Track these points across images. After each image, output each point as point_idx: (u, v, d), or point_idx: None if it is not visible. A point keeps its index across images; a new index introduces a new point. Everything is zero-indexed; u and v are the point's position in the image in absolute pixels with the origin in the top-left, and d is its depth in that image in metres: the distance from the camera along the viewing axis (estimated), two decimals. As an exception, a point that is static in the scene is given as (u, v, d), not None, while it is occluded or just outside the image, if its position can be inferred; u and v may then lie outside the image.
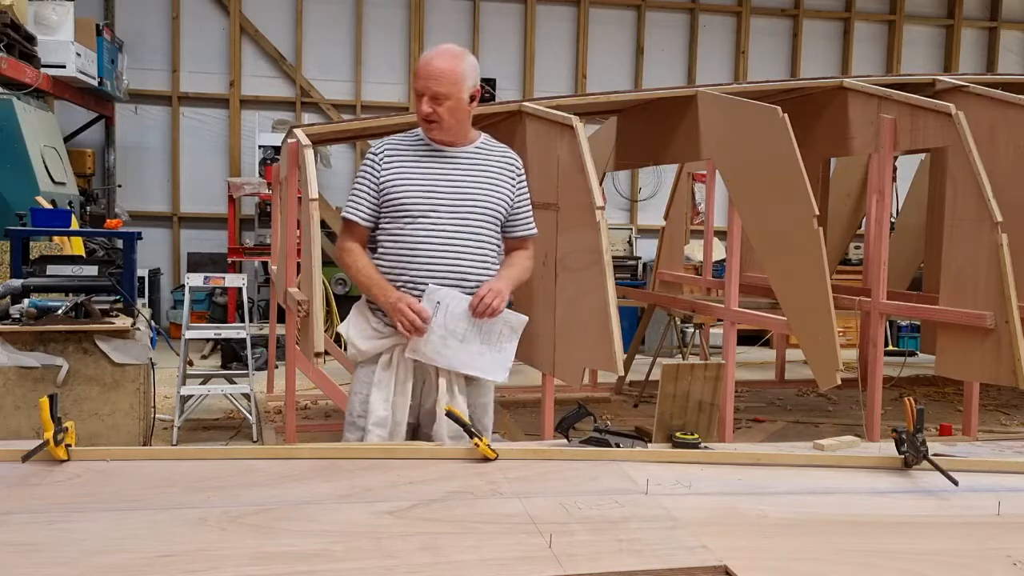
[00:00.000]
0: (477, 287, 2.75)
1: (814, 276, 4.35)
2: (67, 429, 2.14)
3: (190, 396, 5.46)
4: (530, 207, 2.96)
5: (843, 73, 10.23)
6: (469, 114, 2.81)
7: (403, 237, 2.74)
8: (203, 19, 9.32)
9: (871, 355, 4.92)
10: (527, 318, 2.86)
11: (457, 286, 2.74)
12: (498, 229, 2.85)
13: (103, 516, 1.79)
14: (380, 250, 2.80)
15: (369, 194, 2.79)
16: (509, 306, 2.82)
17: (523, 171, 2.93)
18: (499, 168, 2.85)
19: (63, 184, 6.70)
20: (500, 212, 2.83)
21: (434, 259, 2.73)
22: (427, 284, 2.72)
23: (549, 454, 2.29)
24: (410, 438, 2.80)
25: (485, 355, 2.76)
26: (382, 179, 2.77)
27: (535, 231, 2.98)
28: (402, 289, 2.73)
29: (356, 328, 2.84)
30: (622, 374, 4.25)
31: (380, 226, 2.80)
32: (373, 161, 2.81)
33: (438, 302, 2.70)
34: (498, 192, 2.82)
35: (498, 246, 2.87)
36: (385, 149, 2.82)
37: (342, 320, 3.01)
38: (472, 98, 2.77)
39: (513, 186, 2.87)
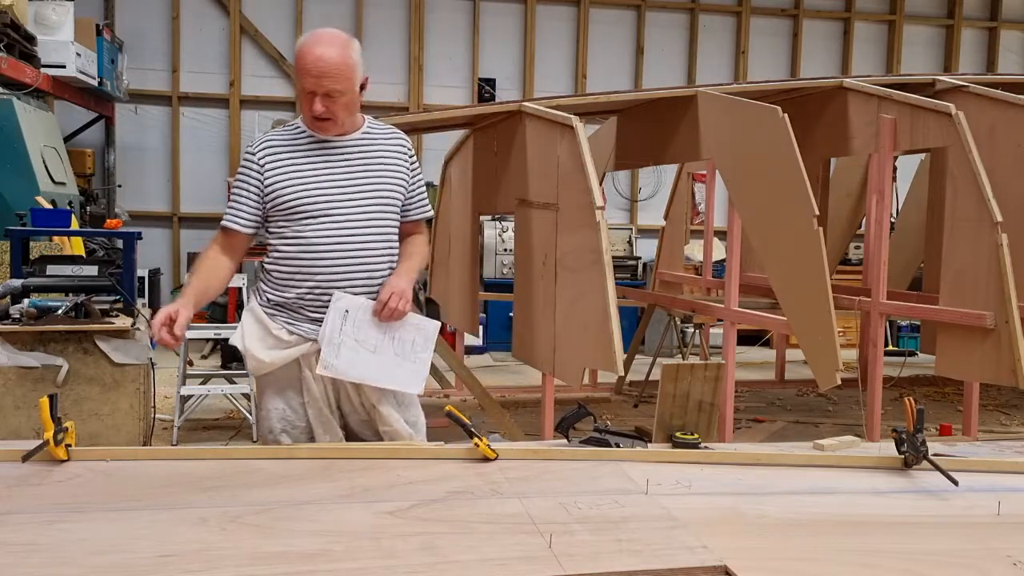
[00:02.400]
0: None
1: (814, 276, 4.35)
2: (67, 429, 2.14)
3: (190, 396, 5.46)
4: (424, 188, 2.81)
5: (843, 73, 10.22)
6: (360, 103, 2.60)
7: (303, 239, 2.55)
8: (203, 19, 9.32)
9: (871, 355, 4.92)
10: (439, 323, 2.69)
11: (366, 284, 2.58)
12: (399, 217, 2.68)
13: (103, 516, 1.79)
14: (277, 255, 2.60)
15: (250, 199, 2.58)
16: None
17: (413, 151, 2.76)
18: (391, 152, 2.67)
19: (63, 184, 6.70)
20: (399, 199, 2.67)
21: (340, 258, 2.55)
22: (335, 286, 2.54)
23: (549, 454, 2.29)
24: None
25: (402, 366, 2.57)
26: (267, 180, 2.56)
27: (431, 213, 2.82)
28: (310, 295, 2.56)
29: (254, 338, 2.60)
30: (622, 374, 4.25)
31: (271, 230, 2.61)
32: (251, 163, 2.58)
33: (346, 311, 2.52)
34: (395, 178, 2.65)
35: (398, 235, 2.72)
36: (264, 148, 2.59)
37: None
38: (362, 87, 2.57)
39: (408, 168, 2.70)
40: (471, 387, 5.61)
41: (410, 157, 2.74)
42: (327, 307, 2.55)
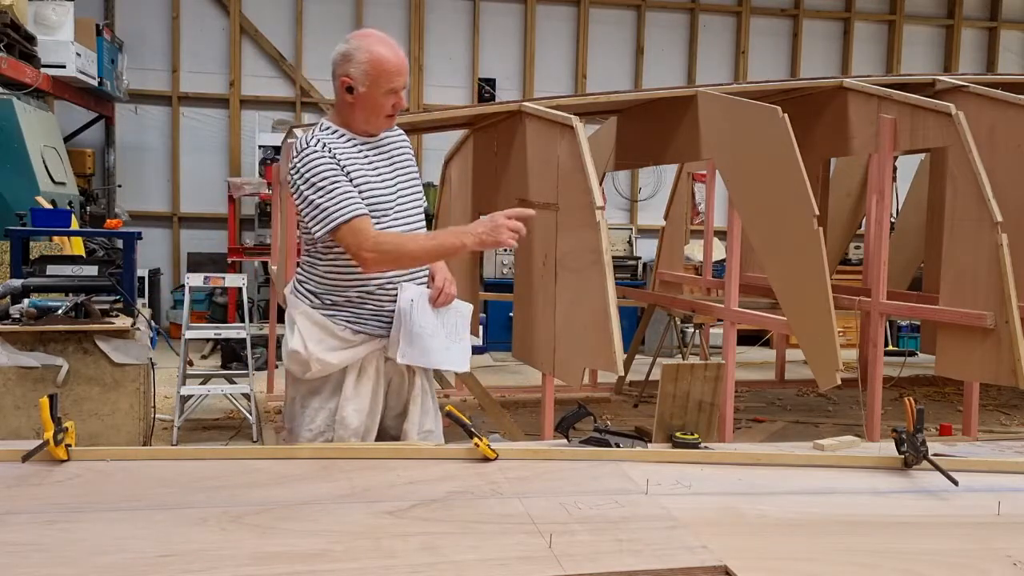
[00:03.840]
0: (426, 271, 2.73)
1: (814, 276, 4.35)
2: (67, 429, 2.14)
3: (190, 396, 5.46)
4: (419, 179, 2.88)
5: (843, 73, 10.22)
6: None
7: None
8: (203, 19, 9.32)
9: (871, 355, 4.92)
10: (471, 305, 2.86)
11: (425, 272, 2.70)
12: None
13: (103, 516, 1.79)
14: (337, 252, 2.56)
15: (350, 188, 2.51)
16: None
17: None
18: (406, 147, 2.78)
19: (63, 184, 6.69)
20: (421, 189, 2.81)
21: None
22: (404, 278, 2.63)
23: (549, 454, 2.29)
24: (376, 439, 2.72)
25: (451, 348, 2.72)
26: (349, 176, 2.54)
27: (426, 204, 2.88)
28: (379, 290, 2.61)
29: (315, 340, 2.59)
30: (622, 374, 4.25)
31: None
32: (329, 159, 2.51)
33: (411, 300, 2.63)
34: (415, 170, 2.78)
35: None
36: (326, 146, 2.54)
37: None
38: None
39: (413, 162, 2.81)
40: (471, 387, 5.61)
41: (412, 152, 2.83)
42: (391, 300, 2.63)
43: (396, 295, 2.63)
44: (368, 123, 2.63)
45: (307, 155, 2.53)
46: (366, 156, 2.63)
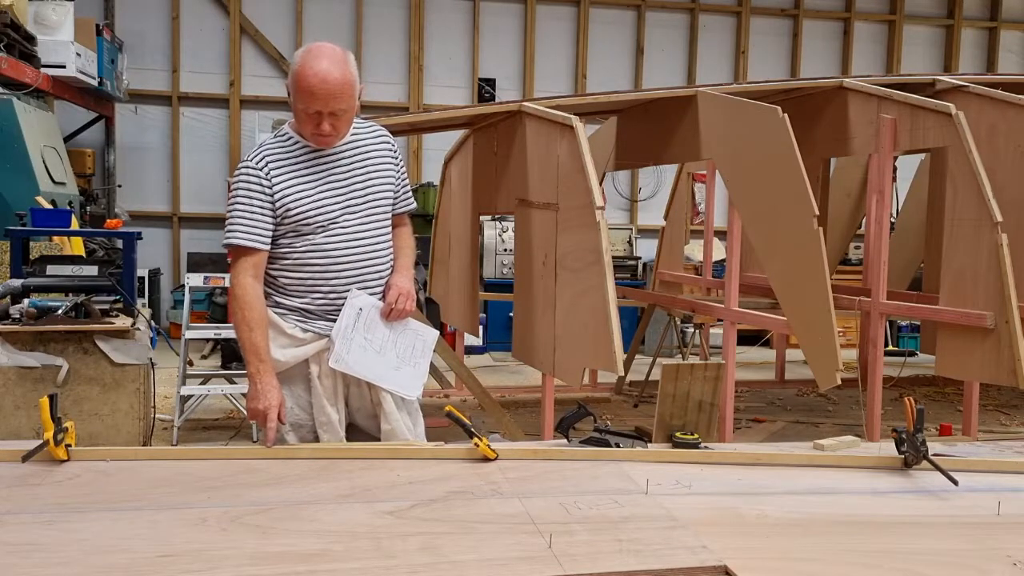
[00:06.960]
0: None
1: (814, 276, 4.35)
2: (67, 429, 2.14)
3: (190, 396, 5.46)
4: (408, 179, 2.82)
5: (843, 73, 10.22)
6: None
7: (316, 248, 2.58)
8: (203, 19, 9.32)
9: (871, 355, 4.92)
10: (438, 333, 2.78)
11: (378, 284, 2.64)
12: (391, 212, 2.73)
13: (103, 516, 1.79)
14: (287, 263, 2.61)
15: (264, 215, 2.55)
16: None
17: (395, 143, 2.78)
18: (379, 150, 2.69)
19: (63, 184, 6.70)
20: (392, 196, 2.71)
21: (354, 264, 2.60)
22: (349, 290, 2.60)
23: (549, 454, 2.29)
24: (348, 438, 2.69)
25: (401, 369, 2.65)
26: (276, 195, 2.54)
27: (415, 204, 2.85)
28: (323, 299, 2.60)
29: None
30: (622, 374, 4.25)
31: (279, 241, 2.60)
32: (258, 177, 2.55)
33: (360, 308, 2.59)
34: (386, 175, 2.68)
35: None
36: (267, 161, 2.56)
37: None
38: (358, 96, 2.57)
39: (395, 164, 2.73)
40: (471, 387, 5.61)
41: (395, 152, 2.76)
42: (341, 305, 2.60)
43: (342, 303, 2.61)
44: (303, 132, 2.58)
45: (239, 168, 2.61)
46: (315, 164, 2.58)
